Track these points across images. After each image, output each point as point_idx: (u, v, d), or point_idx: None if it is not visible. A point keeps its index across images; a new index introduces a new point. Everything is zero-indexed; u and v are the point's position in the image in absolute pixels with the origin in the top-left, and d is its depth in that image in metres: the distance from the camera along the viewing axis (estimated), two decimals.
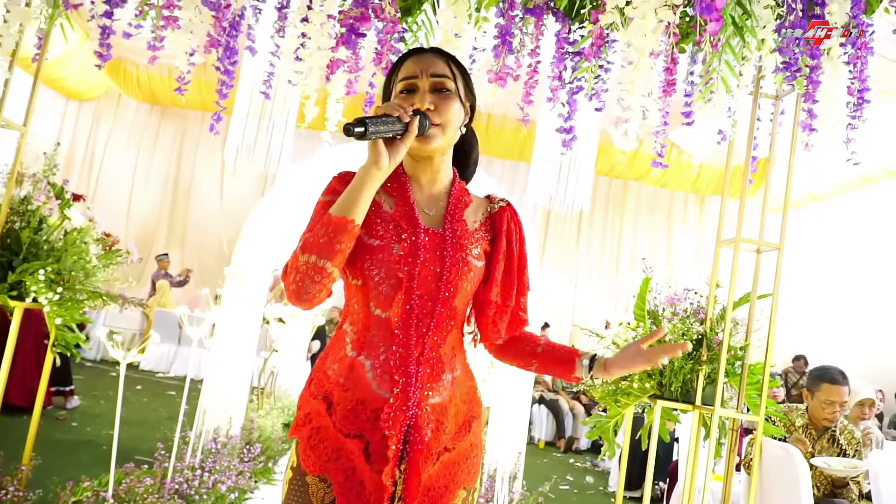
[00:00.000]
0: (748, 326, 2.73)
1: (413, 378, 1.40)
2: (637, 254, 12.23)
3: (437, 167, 1.54)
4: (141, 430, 5.77)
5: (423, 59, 1.51)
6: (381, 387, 1.41)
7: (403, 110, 1.36)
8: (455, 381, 1.49)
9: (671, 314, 2.81)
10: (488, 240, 1.55)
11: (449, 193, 1.55)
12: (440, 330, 1.45)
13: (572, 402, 8.69)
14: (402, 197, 1.51)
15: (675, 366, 2.70)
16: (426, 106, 1.45)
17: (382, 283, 1.43)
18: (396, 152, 1.37)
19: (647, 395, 2.77)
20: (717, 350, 2.66)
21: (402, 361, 1.41)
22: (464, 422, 1.49)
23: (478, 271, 1.50)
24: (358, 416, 1.41)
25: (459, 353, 1.53)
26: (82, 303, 2.75)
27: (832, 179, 8.71)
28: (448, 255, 1.45)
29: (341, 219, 1.35)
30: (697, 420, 2.77)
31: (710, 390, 2.72)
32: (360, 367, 1.43)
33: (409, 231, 1.46)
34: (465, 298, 1.49)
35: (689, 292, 2.87)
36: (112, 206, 12.10)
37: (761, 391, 2.68)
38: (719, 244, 2.79)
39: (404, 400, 1.39)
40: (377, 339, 1.44)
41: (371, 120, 1.30)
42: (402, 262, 1.42)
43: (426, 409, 1.41)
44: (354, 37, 2.22)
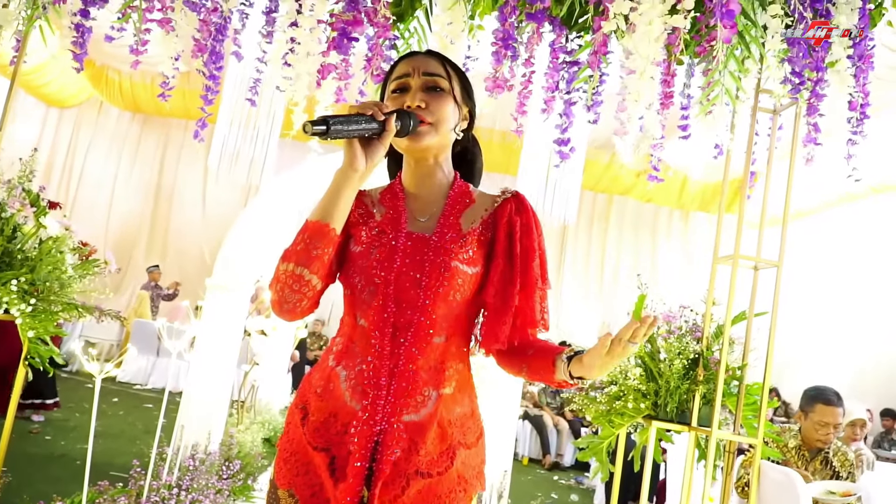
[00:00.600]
0: (745, 345, 2.67)
1: (384, 391, 1.32)
2: (621, 268, 12.22)
3: (433, 171, 1.47)
4: (117, 443, 5.64)
5: (416, 59, 1.46)
6: (353, 399, 1.34)
7: (378, 108, 1.28)
8: (442, 399, 1.36)
9: (666, 332, 2.74)
10: (488, 238, 1.43)
11: (447, 196, 1.46)
12: (418, 341, 1.35)
13: (556, 418, 8.61)
14: (394, 205, 1.45)
15: (671, 386, 2.63)
16: (416, 103, 1.39)
17: (363, 291, 1.37)
18: (374, 153, 1.30)
19: (642, 415, 2.70)
20: (713, 370, 2.59)
21: (374, 373, 1.33)
22: (448, 447, 1.35)
23: (468, 278, 1.38)
24: (329, 428, 1.35)
25: (454, 368, 1.40)
26: (57, 315, 2.64)
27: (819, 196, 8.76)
28: (429, 260, 1.36)
29: (317, 223, 1.30)
30: (693, 442, 2.70)
31: (706, 411, 2.66)
32: (336, 378, 1.38)
33: (390, 235, 1.39)
34: (453, 308, 1.37)
35: (685, 310, 2.81)
36: (92, 215, 11.92)
37: (758, 412, 2.62)
38: (716, 260, 2.73)
39: (373, 414, 1.31)
40: (357, 350, 1.38)
41: (337, 119, 1.23)
42: (379, 268, 1.36)
43: (398, 426, 1.31)
44: (346, 41, 2.15)
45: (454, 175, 1.51)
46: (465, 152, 1.58)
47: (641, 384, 2.69)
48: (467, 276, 1.38)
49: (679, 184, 11.13)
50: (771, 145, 2.71)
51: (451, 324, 1.39)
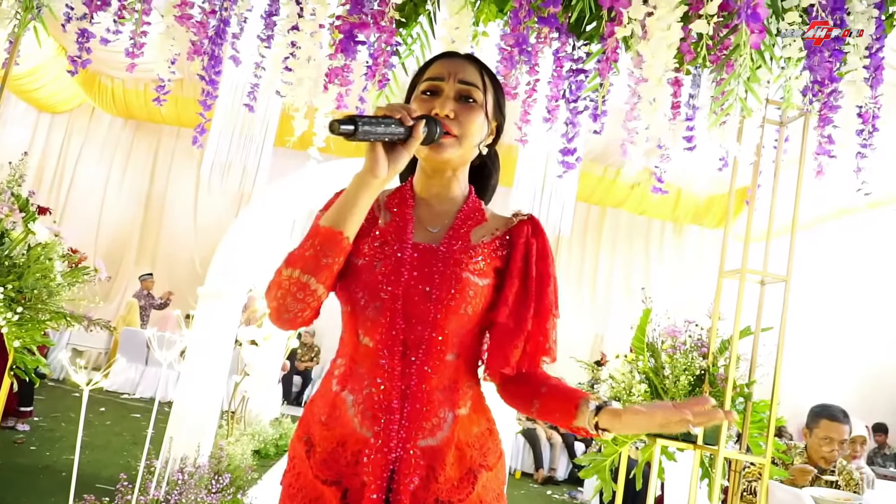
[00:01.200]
0: (752, 361, 2.61)
1: (397, 415, 1.23)
2: (614, 280, 12.17)
3: (448, 183, 1.38)
4: (103, 455, 5.53)
5: (453, 63, 1.36)
6: (364, 426, 1.24)
7: (407, 112, 1.20)
8: (459, 420, 1.28)
9: (671, 347, 2.68)
10: (502, 256, 1.35)
11: (459, 209, 1.37)
12: (432, 359, 1.26)
13: (549, 432, 8.53)
14: (402, 212, 1.35)
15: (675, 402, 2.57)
16: (445, 112, 1.30)
17: (368, 307, 1.27)
18: (397, 159, 1.21)
19: (646, 432, 2.64)
20: (720, 386, 2.53)
21: (385, 396, 1.24)
22: (469, 470, 1.27)
23: (479, 290, 1.29)
24: (337, 459, 1.24)
25: (467, 387, 1.32)
26: (44, 324, 2.56)
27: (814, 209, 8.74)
28: (438, 272, 1.28)
29: (329, 230, 1.20)
30: (697, 460, 2.63)
31: (712, 428, 2.60)
32: (342, 404, 1.28)
33: (394, 247, 1.30)
34: (464, 323, 1.29)
35: (690, 324, 2.75)
36: (82, 222, 11.77)
37: (764, 430, 2.56)
38: (722, 274, 2.68)
39: (386, 441, 1.21)
40: (363, 372, 1.28)
41: (365, 119, 1.14)
42: (385, 281, 1.26)
43: (414, 452, 1.22)
44: (353, 44, 2.09)
45: (469, 190, 1.43)
46: (483, 166, 1.49)
47: (646, 401, 2.62)
48: (479, 288, 1.30)
49: (673, 197, 11.10)
50: (778, 157, 2.67)
51: (462, 340, 1.31)
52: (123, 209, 12.30)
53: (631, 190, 11.36)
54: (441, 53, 1.43)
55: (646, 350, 2.70)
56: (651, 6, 1.68)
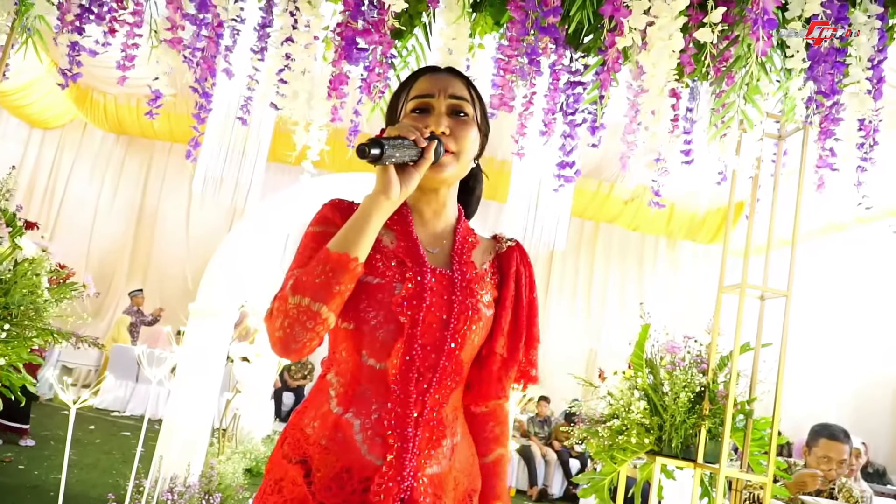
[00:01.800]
0: (752, 378, 2.58)
1: (410, 443, 1.19)
2: (608, 295, 12.14)
3: (443, 201, 1.36)
4: (92, 474, 5.44)
5: (440, 78, 1.34)
6: (372, 452, 1.19)
7: (420, 133, 1.18)
8: (455, 448, 1.28)
9: (670, 363, 2.64)
10: (495, 284, 1.35)
11: (454, 231, 1.36)
12: (443, 387, 1.25)
13: (544, 449, 8.46)
14: (404, 231, 1.32)
15: (676, 420, 2.52)
16: (441, 129, 1.27)
17: (380, 329, 1.23)
18: (409, 181, 1.19)
19: (645, 450, 2.59)
20: (721, 403, 2.49)
21: (398, 422, 1.20)
22: (463, 496, 1.28)
23: (487, 321, 1.30)
24: (343, 486, 1.18)
25: (460, 416, 1.33)
26: (31, 340, 2.50)
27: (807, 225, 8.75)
28: (457, 300, 1.26)
29: (342, 255, 1.16)
30: (698, 479, 2.59)
31: (712, 446, 2.55)
32: (347, 427, 1.21)
33: (414, 270, 1.26)
34: (472, 352, 1.30)
35: (690, 340, 2.71)
36: (73, 237, 11.69)
37: (765, 448, 2.52)
38: (721, 290, 2.64)
39: (399, 469, 1.17)
40: (369, 394, 1.23)
41: (388, 141, 1.13)
42: (406, 306, 1.23)
43: (423, 480, 1.20)
44: (356, 50, 2.05)
45: (459, 210, 1.41)
46: (469, 179, 1.46)
47: (645, 418, 2.58)
48: (487, 319, 1.31)
49: (667, 212, 11.10)
50: (777, 171, 2.65)
51: (467, 367, 1.32)
52: (115, 225, 12.22)
53: (625, 205, 11.37)
54: (423, 69, 1.40)
55: (644, 366, 2.65)
56: (652, 16, 1.65)
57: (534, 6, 1.90)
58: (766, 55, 1.63)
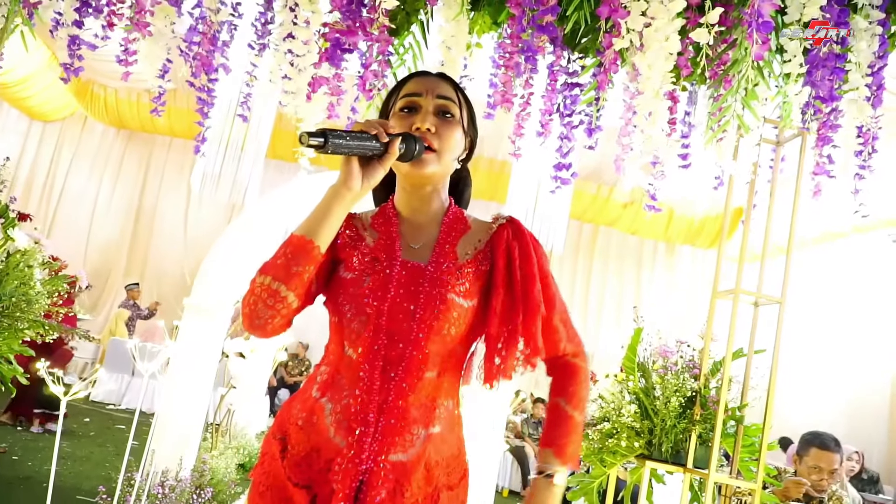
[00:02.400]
0: (744, 384, 2.57)
1: (371, 428, 1.25)
2: (606, 299, 12.15)
3: (429, 198, 1.39)
4: (85, 466, 5.44)
5: (429, 80, 1.40)
6: (338, 435, 1.27)
7: (382, 129, 1.22)
8: (430, 439, 1.29)
9: (662, 367, 2.63)
10: (485, 271, 1.35)
11: (441, 223, 1.38)
12: (410, 376, 1.27)
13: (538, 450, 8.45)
14: (387, 231, 1.37)
15: (666, 425, 2.52)
16: (427, 126, 1.31)
17: (353, 320, 1.30)
18: (372, 174, 1.24)
19: (635, 454, 2.58)
20: (712, 409, 2.48)
21: (362, 408, 1.26)
22: (433, 491, 1.29)
23: (463, 312, 1.30)
24: (311, 464, 1.28)
25: (444, 406, 1.33)
26: (23, 332, 2.49)
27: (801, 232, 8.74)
28: (424, 292, 1.29)
29: (301, 239, 1.23)
30: (687, 484, 2.58)
31: (702, 452, 2.55)
32: (320, 411, 1.31)
33: (384, 263, 1.32)
34: (447, 343, 1.30)
35: (682, 345, 2.70)
36: (71, 232, 11.70)
37: (756, 454, 2.51)
38: (716, 295, 2.64)
39: (358, 452, 1.23)
40: (343, 382, 1.31)
41: (338, 133, 1.15)
42: (371, 296, 1.29)
43: (384, 466, 1.24)
44: (340, 52, 2.05)
45: (450, 201, 1.44)
46: (458, 181, 1.51)
47: (636, 422, 2.57)
48: (463, 310, 1.31)
49: (666, 217, 11.10)
50: (774, 177, 2.65)
51: (443, 359, 1.32)
52: (114, 219, 12.23)
53: (624, 209, 11.37)
54: (414, 73, 1.47)
55: (636, 370, 2.65)
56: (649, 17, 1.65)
57: (531, 4, 1.90)
58: (762, 59, 1.62)
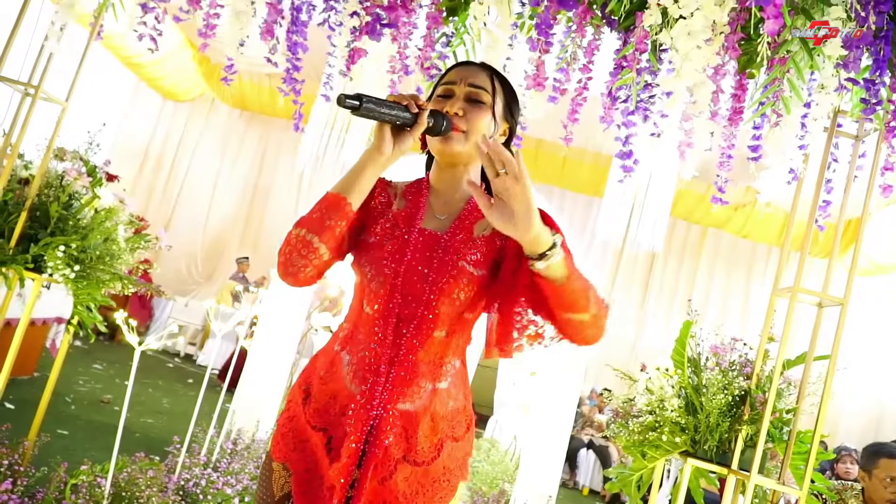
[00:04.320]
0: (801, 389, 2.45)
1: (382, 378, 1.37)
2: (710, 301, 11.69)
3: (460, 176, 1.51)
4: (179, 422, 5.81)
5: (465, 70, 1.51)
6: (353, 383, 1.39)
7: (413, 101, 1.34)
8: (437, 393, 1.41)
9: (714, 364, 2.55)
10: (498, 247, 1.44)
11: (468, 202, 1.50)
12: (420, 333, 1.39)
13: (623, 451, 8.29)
14: (416, 200, 1.50)
15: (710, 422, 2.44)
16: (455, 110, 1.44)
17: (373, 280, 1.42)
18: (402, 141, 1.37)
19: (678, 450, 2.52)
20: (760, 410, 2.38)
21: (375, 360, 1.38)
22: (438, 440, 1.41)
23: (472, 279, 1.40)
24: (328, 410, 1.41)
25: (451, 364, 1.45)
26: (105, 283, 2.72)
27: None
28: (437, 258, 1.41)
29: (335, 195, 1.35)
30: (734, 486, 2.49)
31: (751, 454, 2.45)
32: (339, 362, 1.44)
33: (403, 229, 1.44)
34: (456, 307, 1.40)
35: (738, 342, 2.60)
36: (194, 206, 12.43)
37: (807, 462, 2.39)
38: (775, 293, 2.52)
39: (370, 399, 1.36)
40: (361, 336, 1.43)
41: (372, 99, 1.28)
42: (390, 259, 1.40)
43: (392, 413, 1.37)
44: (380, 27, 2.11)
45: (482, 186, 1.46)
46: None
47: (681, 417, 2.50)
48: (473, 277, 1.40)
49: (779, 220, 10.55)
50: (850, 173, 2.50)
51: (452, 321, 1.42)
52: (232, 196, 12.87)
53: (735, 211, 10.89)
54: (457, 63, 1.58)
55: (686, 364, 2.57)
56: None
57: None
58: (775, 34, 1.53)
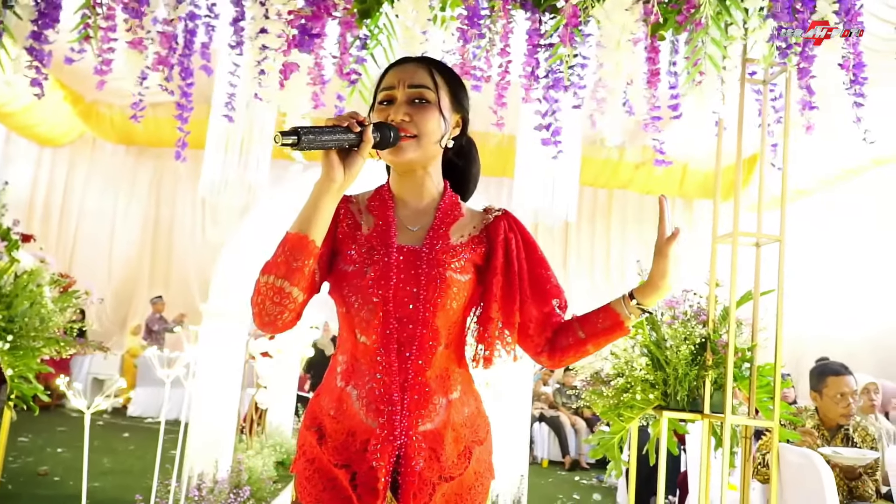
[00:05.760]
0: (753, 325, 2.56)
1: (398, 406, 1.35)
2: (627, 262, 12.07)
3: (421, 181, 1.47)
4: (126, 479, 5.55)
5: (403, 70, 1.45)
6: (369, 417, 1.36)
7: (353, 120, 1.28)
8: (451, 404, 1.41)
9: (670, 318, 2.63)
10: (481, 252, 1.46)
11: (437, 208, 1.47)
12: (424, 353, 1.38)
13: (573, 418, 8.48)
14: (383, 215, 1.45)
15: (679, 373, 2.52)
16: (400, 118, 1.38)
17: (362, 309, 1.38)
18: (352, 165, 1.29)
19: (652, 406, 2.59)
20: (722, 353, 2.48)
21: (385, 389, 1.36)
22: (465, 448, 1.41)
23: (462, 286, 1.41)
24: (348, 447, 1.37)
25: (457, 374, 1.45)
26: (39, 350, 2.55)
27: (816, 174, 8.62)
28: (424, 273, 1.38)
29: (296, 235, 1.29)
30: (707, 430, 2.59)
31: (718, 397, 2.55)
32: (347, 398, 1.40)
33: (380, 252, 1.39)
34: (451, 316, 1.40)
35: (689, 293, 2.70)
36: (94, 251, 11.86)
37: (772, 394, 2.51)
38: (716, 240, 2.63)
39: (391, 430, 1.34)
40: (363, 368, 1.40)
41: (311, 129, 1.22)
42: (375, 286, 1.37)
43: (416, 437, 1.35)
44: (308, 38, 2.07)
45: (444, 185, 1.52)
46: (458, 157, 1.57)
47: (649, 374, 2.58)
48: (461, 284, 1.41)
49: (680, 173, 11.01)
50: (763, 116, 2.62)
51: (449, 331, 1.42)
52: (132, 235, 12.35)
53: (636, 170, 11.28)
54: (393, 63, 1.51)
55: (645, 323, 2.65)
56: None
57: None
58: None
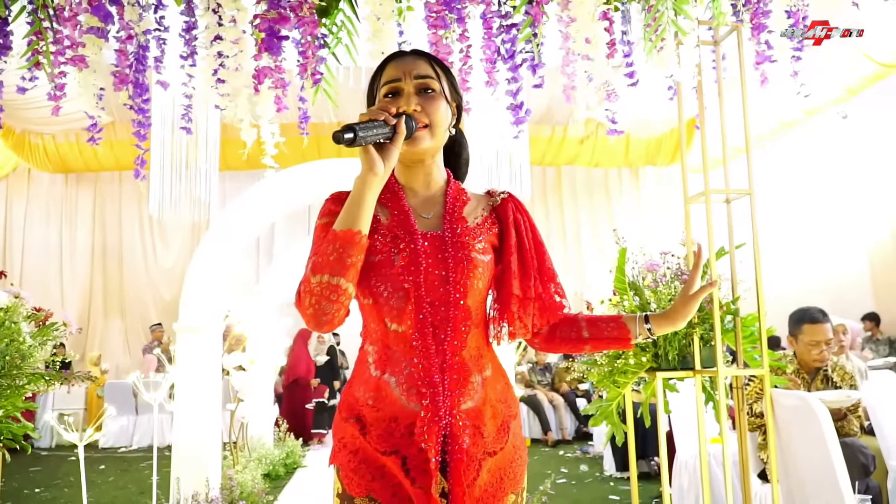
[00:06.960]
0: (732, 279, 2.65)
1: (440, 387, 1.38)
2: (582, 236, 12.25)
3: (429, 170, 1.52)
4: None
5: (404, 62, 1.49)
6: (411, 401, 1.39)
7: (387, 112, 1.32)
8: (486, 381, 1.46)
9: (652, 281, 2.70)
10: (495, 233, 1.52)
11: (445, 193, 1.52)
12: (458, 334, 1.42)
13: (550, 395, 8.60)
14: (397, 205, 1.49)
15: (667, 335, 2.59)
16: (412, 108, 1.42)
17: (392, 298, 1.41)
18: (389, 156, 1.34)
19: (645, 369, 2.66)
20: (707, 309, 2.56)
21: (425, 373, 1.39)
22: (502, 423, 1.45)
23: (486, 266, 1.46)
24: (392, 433, 1.40)
25: (487, 352, 1.49)
26: (24, 388, 2.49)
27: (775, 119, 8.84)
28: (451, 256, 1.43)
29: (347, 231, 1.31)
30: (699, 386, 2.66)
31: (707, 352, 2.62)
32: (385, 386, 1.42)
33: (406, 239, 1.43)
34: (478, 297, 1.46)
35: (666, 255, 2.77)
36: (44, 284, 11.51)
37: (756, 344, 2.59)
38: (688, 201, 2.69)
39: (435, 411, 1.37)
40: (398, 355, 1.42)
41: (359, 126, 1.27)
42: (406, 273, 1.40)
43: (460, 415, 1.39)
44: (277, 40, 2.05)
45: (447, 173, 1.57)
46: (452, 144, 1.62)
47: None
48: (485, 264, 1.46)
49: (623, 143, 11.19)
50: (719, 77, 2.69)
51: (477, 311, 1.46)
52: (82, 263, 12.03)
53: (581, 144, 11.43)
54: (389, 56, 1.54)
55: (629, 289, 2.71)
56: None
57: None
58: None
